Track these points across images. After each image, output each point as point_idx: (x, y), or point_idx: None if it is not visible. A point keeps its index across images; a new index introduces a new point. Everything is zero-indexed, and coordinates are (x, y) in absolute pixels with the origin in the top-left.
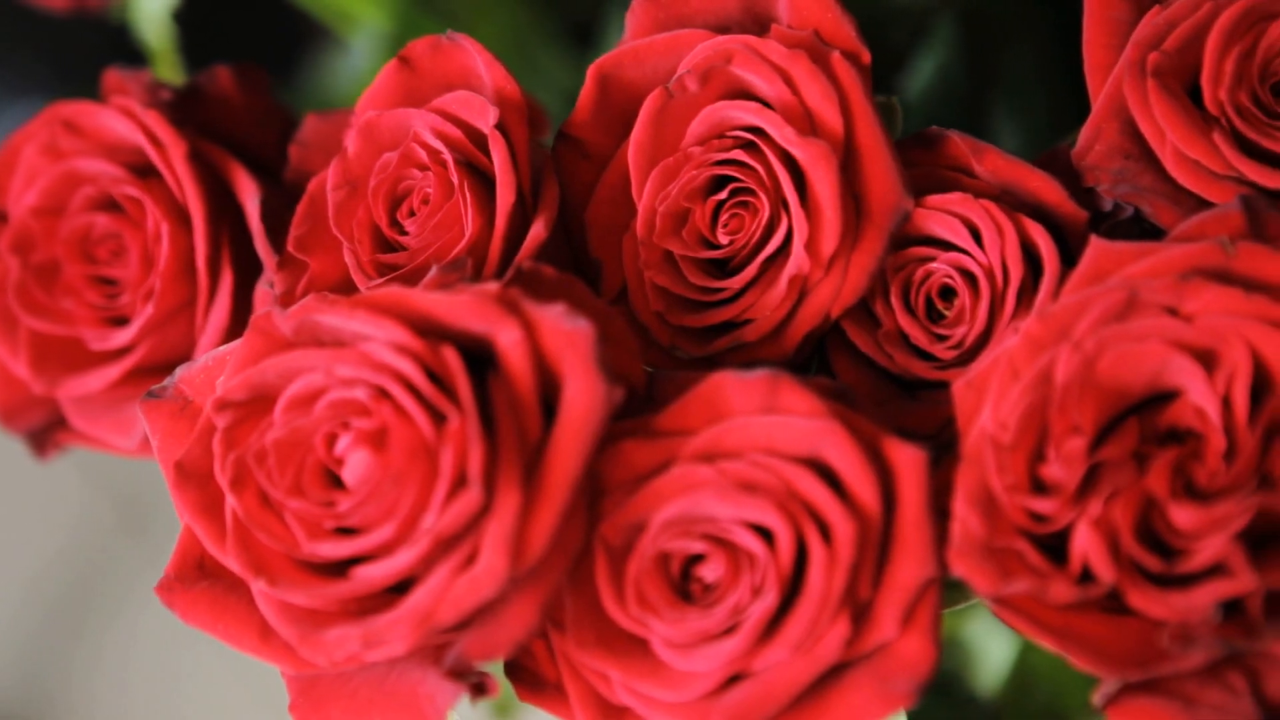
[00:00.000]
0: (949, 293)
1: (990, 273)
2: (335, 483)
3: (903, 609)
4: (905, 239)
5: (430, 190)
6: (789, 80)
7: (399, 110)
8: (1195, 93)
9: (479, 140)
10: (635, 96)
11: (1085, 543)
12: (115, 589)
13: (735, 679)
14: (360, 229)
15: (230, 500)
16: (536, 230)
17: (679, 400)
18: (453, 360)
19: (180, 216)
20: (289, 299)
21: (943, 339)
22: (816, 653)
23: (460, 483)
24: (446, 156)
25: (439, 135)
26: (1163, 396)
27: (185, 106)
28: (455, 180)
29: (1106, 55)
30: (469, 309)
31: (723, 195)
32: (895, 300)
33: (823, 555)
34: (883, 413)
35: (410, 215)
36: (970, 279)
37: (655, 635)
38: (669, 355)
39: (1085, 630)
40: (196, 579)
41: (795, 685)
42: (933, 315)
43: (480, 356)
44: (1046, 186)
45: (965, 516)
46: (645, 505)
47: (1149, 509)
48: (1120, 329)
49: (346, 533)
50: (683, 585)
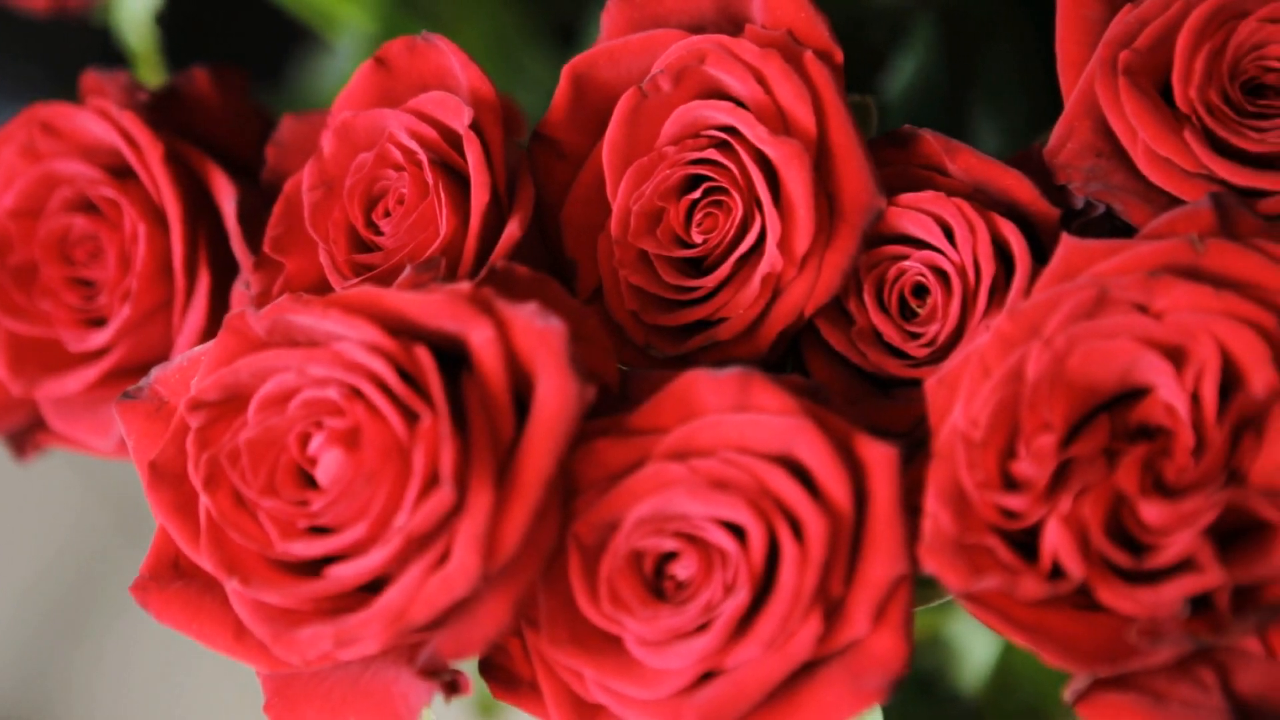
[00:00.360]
0: (922, 290)
1: (962, 270)
2: (309, 482)
3: (874, 606)
4: (878, 237)
5: (405, 190)
6: (762, 80)
7: (374, 111)
8: (1167, 91)
9: (454, 140)
10: (610, 96)
11: (1055, 539)
12: (113, 591)
13: (708, 676)
14: (336, 229)
15: (204, 500)
16: (511, 230)
17: (652, 399)
18: (425, 359)
19: (157, 217)
20: (265, 299)
21: (915, 336)
22: (788, 650)
23: (432, 482)
24: (421, 157)
25: (414, 135)
26: (1134, 393)
27: (163, 108)
28: (430, 180)
29: (1079, 54)
30: (442, 308)
31: (696, 194)
32: (868, 298)
33: (794, 552)
34: (857, 410)
35: (386, 215)
36: (942, 277)
37: (628, 633)
38: (644, 354)
39: (1056, 626)
40: (171, 579)
41: (767, 682)
42: (906, 313)
43: (454, 356)
44: (1019, 185)
45: (936, 513)
46: (618, 504)
47: (1119, 505)
48: (1090, 326)
49: (320, 532)
50: (656, 583)
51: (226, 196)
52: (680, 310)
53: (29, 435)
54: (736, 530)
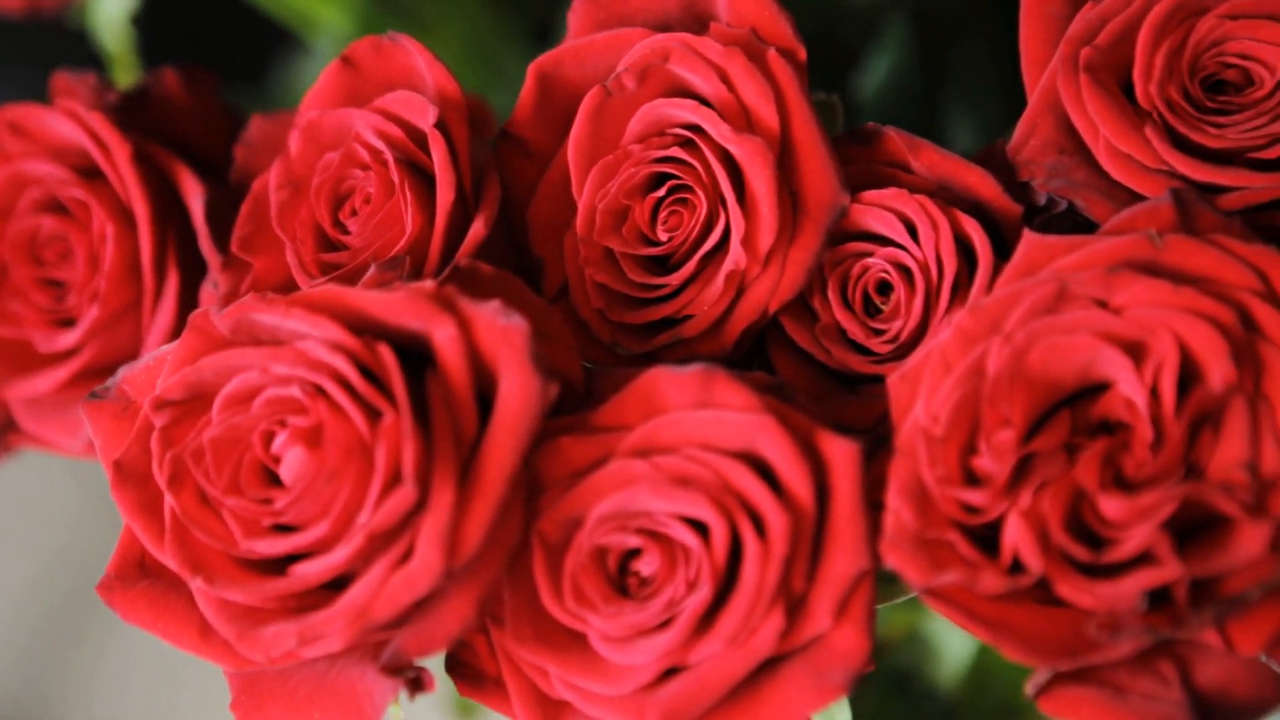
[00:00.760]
0: (886, 287)
1: (925, 267)
2: (273, 480)
3: (837, 601)
4: (842, 234)
5: (372, 190)
6: (725, 78)
7: (341, 110)
8: (1129, 88)
9: (420, 139)
10: (576, 95)
11: (1015, 533)
12: None
13: (671, 672)
14: (303, 229)
15: (168, 499)
16: (476, 228)
17: (616, 396)
18: (388, 357)
19: (125, 218)
20: (233, 299)
21: (879, 333)
22: (751, 645)
23: (395, 479)
24: (387, 156)
25: (380, 135)
26: (1096, 389)
27: (132, 108)
28: (396, 179)
29: (1043, 51)
30: (404, 307)
31: (661, 192)
32: (833, 295)
33: (757, 548)
34: (821, 407)
35: (352, 215)
36: (906, 273)
37: (592, 630)
38: (610, 352)
39: (1016, 620)
40: (137, 578)
41: (730, 678)
42: (870, 310)
43: (419, 355)
44: (982, 181)
45: (898, 508)
46: (582, 501)
47: (1078, 500)
48: (1050, 321)
49: (284, 530)
50: (619, 580)
51: (195, 196)
52: (646, 308)
53: (2, 436)
54: (699, 527)
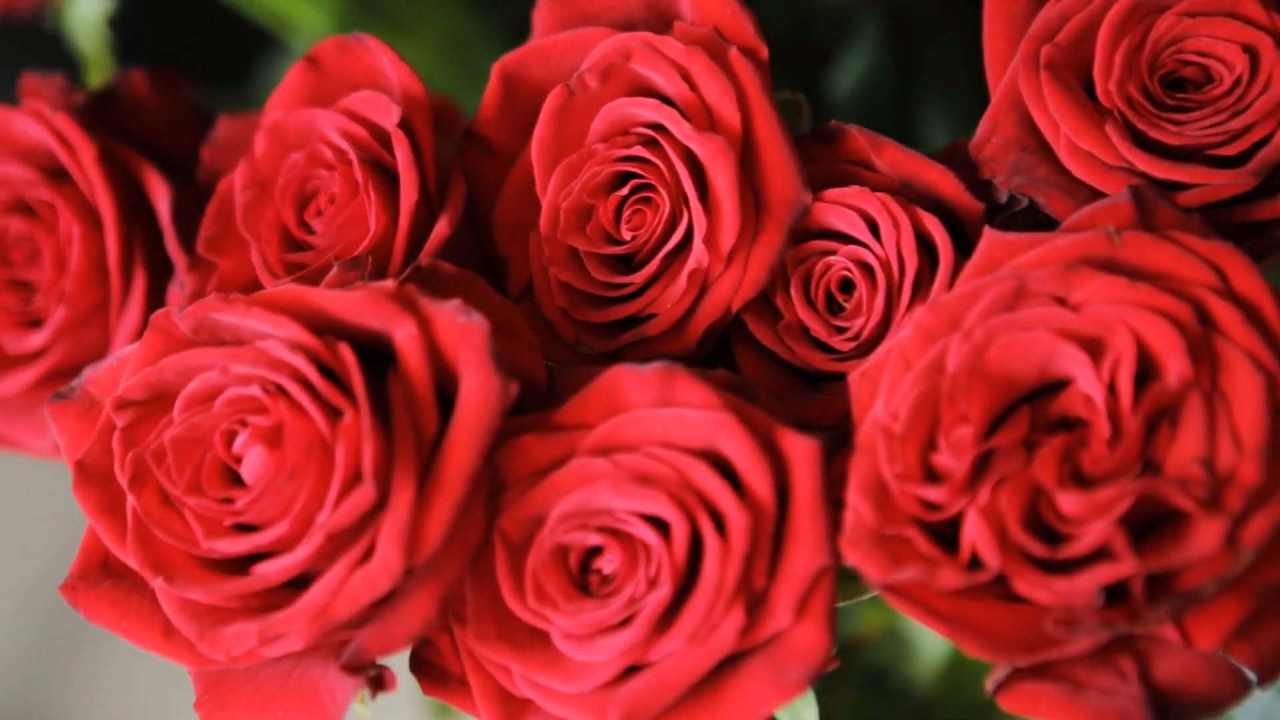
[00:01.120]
0: (848, 285)
1: (886, 265)
2: (234, 480)
3: (797, 598)
4: (805, 232)
5: (336, 190)
6: (687, 77)
7: (306, 110)
8: (1090, 86)
9: (384, 139)
10: (541, 94)
11: (973, 530)
12: None
13: (632, 670)
14: (269, 229)
15: (130, 499)
16: (440, 228)
17: (577, 395)
18: (348, 357)
19: (92, 218)
20: (199, 299)
21: (841, 331)
22: (712, 642)
23: (355, 478)
24: (351, 156)
25: (344, 135)
26: (1056, 386)
27: (100, 109)
28: (360, 179)
29: (1006, 49)
30: (365, 306)
31: (625, 191)
32: (795, 293)
33: (717, 546)
34: (785, 405)
35: (318, 214)
36: (867, 271)
37: (554, 627)
38: (574, 351)
39: (975, 616)
40: (101, 578)
41: (691, 675)
42: (832, 308)
43: (381, 354)
44: (943, 179)
45: (857, 505)
46: (543, 499)
47: (1036, 496)
48: (1009, 318)
49: (245, 530)
50: (581, 578)
51: (161, 196)
52: (610, 307)
53: None
54: (660, 524)
